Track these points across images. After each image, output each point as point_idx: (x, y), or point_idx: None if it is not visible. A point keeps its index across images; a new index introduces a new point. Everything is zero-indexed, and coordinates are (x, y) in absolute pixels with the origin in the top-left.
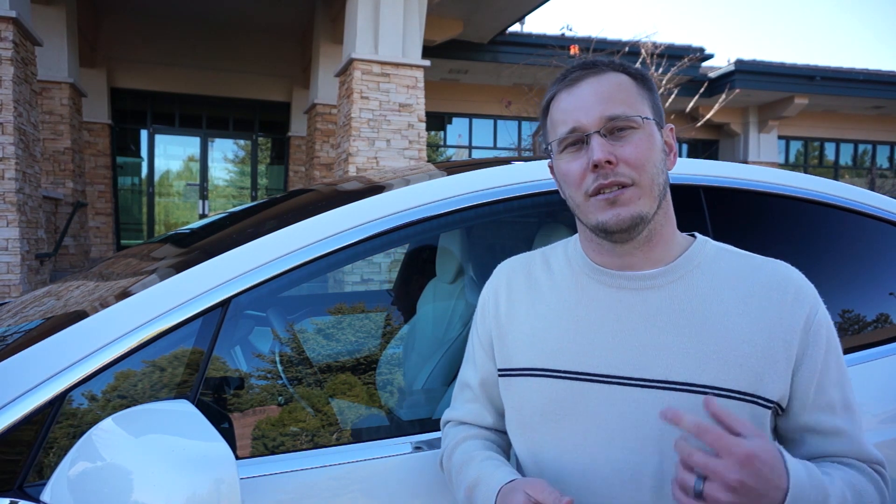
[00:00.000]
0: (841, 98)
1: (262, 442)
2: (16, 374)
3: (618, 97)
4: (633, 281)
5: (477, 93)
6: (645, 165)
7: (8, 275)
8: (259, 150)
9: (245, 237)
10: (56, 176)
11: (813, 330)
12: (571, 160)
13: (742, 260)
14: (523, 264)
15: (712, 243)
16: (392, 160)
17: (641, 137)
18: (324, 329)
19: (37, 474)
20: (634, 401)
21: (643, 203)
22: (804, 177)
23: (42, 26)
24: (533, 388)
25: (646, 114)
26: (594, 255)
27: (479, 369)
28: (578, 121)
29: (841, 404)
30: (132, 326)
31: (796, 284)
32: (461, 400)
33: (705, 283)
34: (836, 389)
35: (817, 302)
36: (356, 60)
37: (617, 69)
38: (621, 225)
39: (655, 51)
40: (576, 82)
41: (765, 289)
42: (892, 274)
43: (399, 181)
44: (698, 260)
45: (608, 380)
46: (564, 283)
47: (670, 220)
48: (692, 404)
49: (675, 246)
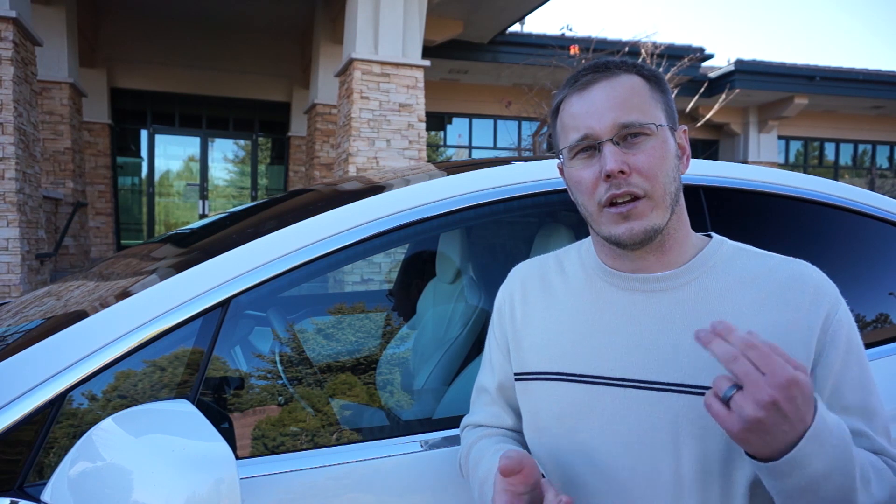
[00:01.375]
0: (841, 98)
1: (262, 442)
2: (16, 374)
3: (631, 102)
4: (647, 283)
5: (477, 93)
6: (658, 175)
7: (8, 275)
8: (259, 150)
9: (245, 237)
10: (56, 176)
11: (832, 330)
12: (583, 168)
13: (759, 260)
14: (538, 268)
15: (729, 243)
16: (392, 160)
17: (655, 145)
18: (324, 329)
19: (37, 474)
20: (650, 404)
21: (656, 215)
22: (804, 177)
23: (42, 26)
24: (549, 392)
25: (659, 119)
26: (607, 259)
27: (497, 373)
28: (591, 127)
29: (858, 407)
30: (132, 326)
31: (815, 284)
32: (479, 404)
33: (720, 284)
34: (855, 393)
35: (837, 301)
36: (356, 60)
37: (630, 70)
38: (634, 239)
39: (655, 51)
40: (587, 86)
41: (781, 289)
42: (892, 274)
43: (399, 181)
44: (713, 261)
45: (623, 383)
46: (579, 286)
47: (684, 224)
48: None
49: (690, 248)
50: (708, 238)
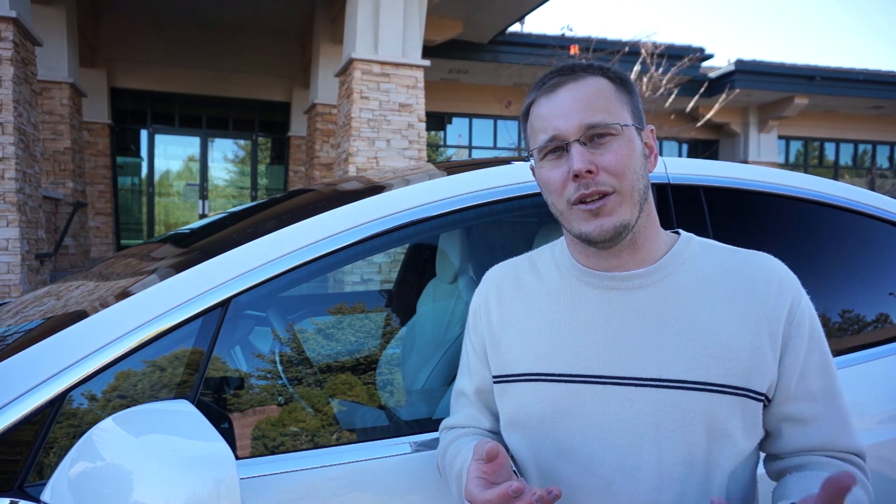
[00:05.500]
0: (841, 98)
1: (262, 442)
2: (16, 374)
3: (597, 104)
4: (621, 281)
5: (477, 93)
6: (625, 173)
7: (8, 275)
8: (259, 150)
9: (245, 237)
10: (56, 176)
11: (796, 320)
12: (552, 168)
13: (726, 254)
14: (512, 270)
15: (696, 239)
16: (392, 160)
17: (621, 144)
18: (324, 329)
19: (37, 474)
20: (629, 400)
21: (625, 211)
22: (804, 177)
23: (42, 26)
24: (529, 394)
25: (625, 120)
26: (581, 258)
27: (475, 377)
28: (558, 128)
29: (823, 393)
30: (132, 326)
31: (779, 275)
32: (457, 408)
33: (691, 279)
34: (819, 378)
35: (799, 292)
36: (356, 60)
37: (596, 73)
38: (605, 236)
39: (655, 51)
40: (554, 88)
41: (750, 282)
42: (892, 274)
43: (399, 181)
44: (683, 257)
45: (602, 380)
46: (554, 286)
47: (653, 221)
48: (685, 401)
49: (661, 245)
50: (676, 235)
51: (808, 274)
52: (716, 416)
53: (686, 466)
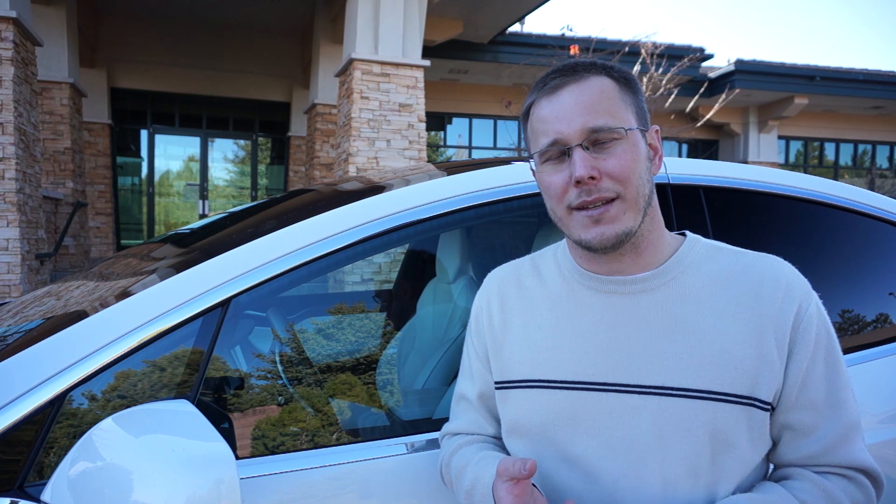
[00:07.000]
0: (841, 98)
1: (262, 442)
2: (16, 374)
3: (600, 106)
4: (624, 286)
5: (477, 93)
6: (630, 178)
7: (8, 275)
8: (259, 150)
9: (245, 237)
10: (56, 176)
11: (803, 326)
12: (553, 172)
13: (734, 258)
14: (514, 272)
15: (703, 242)
16: (392, 160)
17: (626, 149)
18: (324, 329)
19: (37, 474)
20: (632, 408)
21: (628, 218)
22: (804, 177)
23: (42, 26)
24: (531, 400)
25: (630, 122)
26: (583, 262)
27: (477, 382)
28: (560, 132)
29: (825, 402)
30: (132, 326)
31: (787, 280)
32: (459, 412)
33: (697, 284)
34: (822, 387)
35: (808, 297)
36: (356, 60)
37: (599, 72)
38: (605, 244)
39: (655, 51)
40: (556, 89)
41: (757, 286)
42: (892, 274)
43: (399, 181)
44: (689, 261)
45: (604, 388)
46: (556, 290)
47: (658, 225)
48: (688, 410)
49: (665, 248)
50: (682, 237)
51: (808, 274)
52: (720, 425)
53: (691, 477)
